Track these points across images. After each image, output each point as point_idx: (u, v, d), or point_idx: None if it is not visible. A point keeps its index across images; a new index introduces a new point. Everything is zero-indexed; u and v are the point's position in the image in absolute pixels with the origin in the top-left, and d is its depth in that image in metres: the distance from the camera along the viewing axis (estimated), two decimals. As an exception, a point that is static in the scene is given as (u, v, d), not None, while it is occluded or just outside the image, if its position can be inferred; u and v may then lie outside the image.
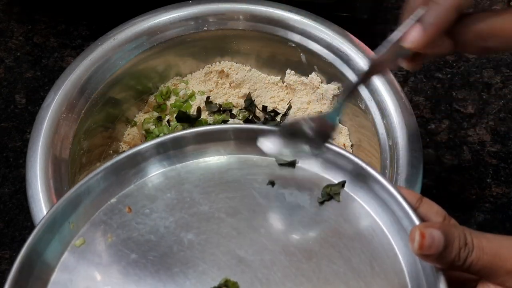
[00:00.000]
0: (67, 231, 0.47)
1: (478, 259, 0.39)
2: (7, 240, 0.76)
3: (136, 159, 0.51)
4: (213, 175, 0.51)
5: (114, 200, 0.50)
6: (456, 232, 0.40)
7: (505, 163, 0.84)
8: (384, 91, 0.68)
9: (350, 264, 0.45)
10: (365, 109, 0.70)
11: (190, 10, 0.76)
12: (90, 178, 0.49)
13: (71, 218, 0.48)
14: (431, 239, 0.39)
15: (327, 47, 0.74)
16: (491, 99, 0.91)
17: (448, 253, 0.39)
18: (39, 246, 0.45)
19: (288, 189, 0.50)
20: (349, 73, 0.72)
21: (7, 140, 0.85)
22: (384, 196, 0.47)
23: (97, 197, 0.50)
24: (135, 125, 0.79)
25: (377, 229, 0.47)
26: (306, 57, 0.77)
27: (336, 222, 0.47)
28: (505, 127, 0.88)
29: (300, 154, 0.49)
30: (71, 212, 0.48)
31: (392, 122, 0.66)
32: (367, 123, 0.70)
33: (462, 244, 0.40)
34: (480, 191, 0.82)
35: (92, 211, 0.49)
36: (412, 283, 0.43)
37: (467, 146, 0.86)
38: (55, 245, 0.46)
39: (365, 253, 0.45)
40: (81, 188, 0.49)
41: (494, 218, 0.79)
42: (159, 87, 0.81)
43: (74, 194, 0.48)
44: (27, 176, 0.61)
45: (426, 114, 0.89)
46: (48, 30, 0.98)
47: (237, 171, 0.52)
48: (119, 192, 0.50)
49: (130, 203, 0.50)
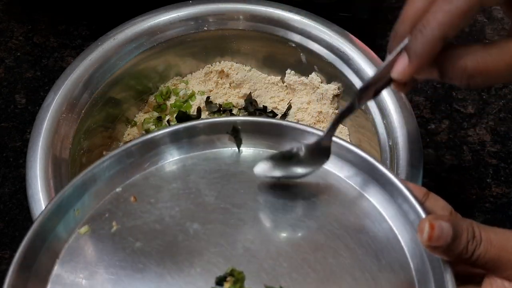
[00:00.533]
0: (72, 218, 0.47)
1: (486, 252, 0.40)
2: (7, 240, 0.76)
3: (143, 148, 0.51)
4: (219, 167, 0.51)
5: (119, 189, 0.50)
6: (464, 225, 0.40)
7: (505, 163, 0.84)
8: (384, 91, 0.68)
9: (356, 257, 0.45)
10: (365, 109, 0.70)
11: (190, 10, 0.76)
12: (96, 165, 0.49)
13: (77, 205, 0.48)
14: (440, 230, 0.39)
15: (327, 47, 0.74)
16: (491, 99, 0.91)
17: (456, 245, 0.39)
18: (44, 231, 0.45)
19: (295, 182, 0.50)
20: (349, 73, 0.72)
21: (7, 140, 0.85)
22: (390, 190, 0.47)
23: (102, 185, 0.50)
24: (135, 125, 0.79)
25: (383, 223, 0.47)
26: (306, 57, 0.77)
27: (342, 215, 0.48)
28: (505, 127, 0.88)
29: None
30: (77, 199, 0.48)
31: (392, 122, 0.66)
32: (367, 123, 0.70)
33: (470, 237, 0.40)
34: (480, 191, 0.82)
35: (97, 199, 0.49)
36: (418, 276, 0.43)
37: (467, 146, 0.86)
38: (60, 231, 0.46)
39: (371, 246, 0.45)
40: (87, 175, 0.49)
41: (494, 218, 0.79)
42: (159, 87, 0.81)
43: (80, 181, 0.48)
44: (27, 176, 0.61)
45: (426, 114, 0.89)
46: (48, 30, 0.98)
47: (244, 163, 0.52)
48: (124, 182, 0.50)
49: (136, 192, 0.50)
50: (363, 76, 0.71)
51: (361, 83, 0.71)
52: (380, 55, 0.73)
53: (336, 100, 0.78)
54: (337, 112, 0.78)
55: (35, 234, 0.44)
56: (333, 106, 0.78)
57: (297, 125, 0.52)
